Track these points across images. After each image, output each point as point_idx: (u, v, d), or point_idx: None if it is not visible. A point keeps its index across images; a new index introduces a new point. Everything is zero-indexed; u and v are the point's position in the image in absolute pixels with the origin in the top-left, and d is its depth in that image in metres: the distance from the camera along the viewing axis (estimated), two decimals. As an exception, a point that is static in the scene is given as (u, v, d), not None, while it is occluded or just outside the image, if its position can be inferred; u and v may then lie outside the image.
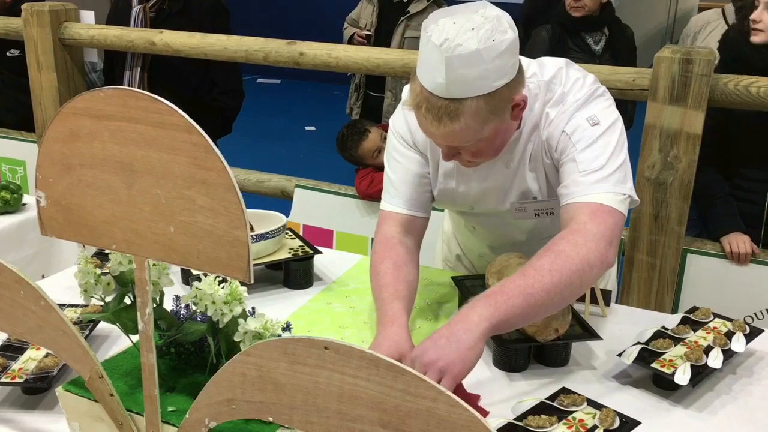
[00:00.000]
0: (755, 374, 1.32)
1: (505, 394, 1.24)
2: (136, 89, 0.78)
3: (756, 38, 2.08)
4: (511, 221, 1.50)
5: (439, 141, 1.29)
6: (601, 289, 1.51)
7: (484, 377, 1.29)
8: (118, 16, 2.96)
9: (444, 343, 1.10)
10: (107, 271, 1.03)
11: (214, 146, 0.74)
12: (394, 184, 1.47)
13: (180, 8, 2.88)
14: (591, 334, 1.34)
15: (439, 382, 0.92)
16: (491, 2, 1.26)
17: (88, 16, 3.01)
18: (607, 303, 1.53)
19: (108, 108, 0.81)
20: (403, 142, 1.47)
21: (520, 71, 1.25)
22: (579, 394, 1.18)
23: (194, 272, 1.49)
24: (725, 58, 2.22)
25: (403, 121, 1.46)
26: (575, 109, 1.33)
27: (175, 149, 0.77)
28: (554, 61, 1.39)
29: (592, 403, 1.17)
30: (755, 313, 2.12)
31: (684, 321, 1.39)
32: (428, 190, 1.49)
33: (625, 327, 1.47)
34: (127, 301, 1.02)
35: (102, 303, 1.05)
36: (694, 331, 1.36)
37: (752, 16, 2.09)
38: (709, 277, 2.19)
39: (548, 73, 1.36)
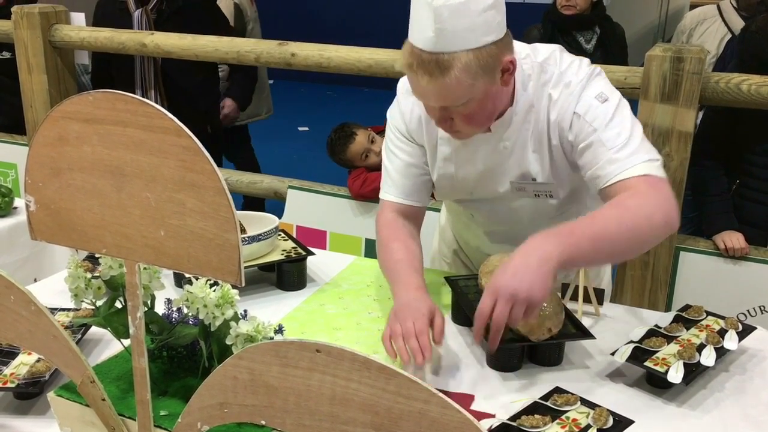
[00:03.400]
0: (748, 372, 1.32)
1: (498, 394, 1.24)
2: (124, 94, 0.77)
3: None
4: (510, 205, 1.52)
5: (432, 101, 1.30)
6: (594, 288, 1.51)
7: (478, 377, 1.29)
8: (107, 21, 2.95)
9: (523, 274, 1.14)
10: (98, 274, 1.02)
11: (203, 149, 0.74)
12: (391, 174, 1.53)
13: (179, 6, 2.89)
14: (584, 334, 1.34)
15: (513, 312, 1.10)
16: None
17: (78, 18, 2.99)
18: (600, 302, 1.53)
19: (97, 111, 0.80)
20: (398, 134, 1.51)
21: (508, 34, 1.29)
22: (572, 394, 1.18)
23: (186, 275, 1.48)
24: (743, 55, 2.22)
25: (398, 112, 1.51)
26: (581, 89, 1.36)
27: (165, 152, 0.77)
28: (547, 45, 1.44)
29: (585, 402, 1.17)
30: (748, 311, 2.13)
31: (677, 319, 1.39)
32: (424, 180, 1.53)
33: (618, 326, 1.47)
34: (118, 305, 1.02)
35: (93, 307, 1.05)
36: (687, 329, 1.36)
37: None
38: (701, 275, 2.19)
39: (542, 55, 1.40)
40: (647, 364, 1.24)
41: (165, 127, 0.76)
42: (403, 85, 1.50)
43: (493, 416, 1.17)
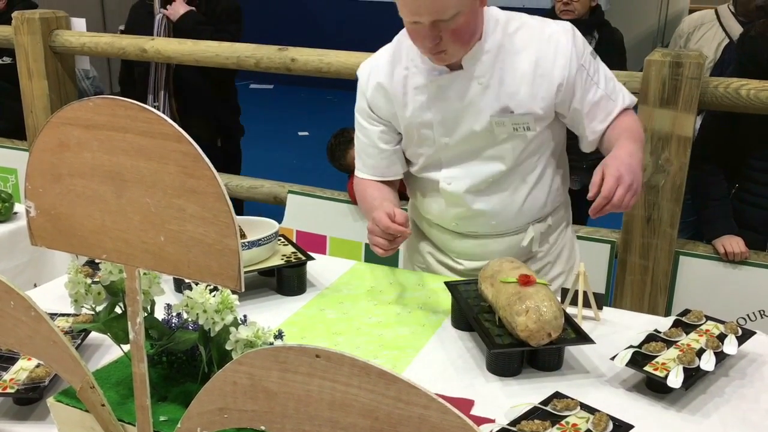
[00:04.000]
0: (748, 376, 1.32)
1: (498, 399, 1.24)
2: (124, 100, 0.77)
3: None
4: (487, 151, 1.60)
5: (425, 14, 1.39)
6: (593, 293, 1.51)
7: (478, 382, 1.29)
8: (138, 24, 2.99)
9: (635, 171, 1.39)
10: (98, 280, 1.02)
11: (203, 155, 0.74)
12: (360, 155, 1.72)
13: (201, 12, 2.91)
14: (584, 338, 1.34)
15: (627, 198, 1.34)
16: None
17: (79, 23, 3.00)
18: (600, 307, 1.53)
19: (97, 117, 0.80)
20: (362, 117, 1.68)
21: None
22: (572, 399, 1.18)
23: (186, 280, 1.49)
24: (742, 59, 2.22)
25: (363, 99, 1.66)
26: (573, 39, 1.54)
27: (165, 158, 0.77)
28: None
29: (585, 407, 1.17)
30: (748, 315, 2.13)
31: (676, 324, 1.39)
32: (389, 157, 1.68)
33: (617, 330, 1.47)
34: (118, 310, 1.02)
35: (93, 312, 1.05)
36: (687, 333, 1.36)
37: None
38: (701, 280, 2.19)
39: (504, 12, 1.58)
40: (647, 368, 1.24)
41: (165, 133, 0.76)
42: (362, 67, 1.67)
43: (492, 421, 1.17)
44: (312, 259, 1.66)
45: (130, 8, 3.15)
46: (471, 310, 1.43)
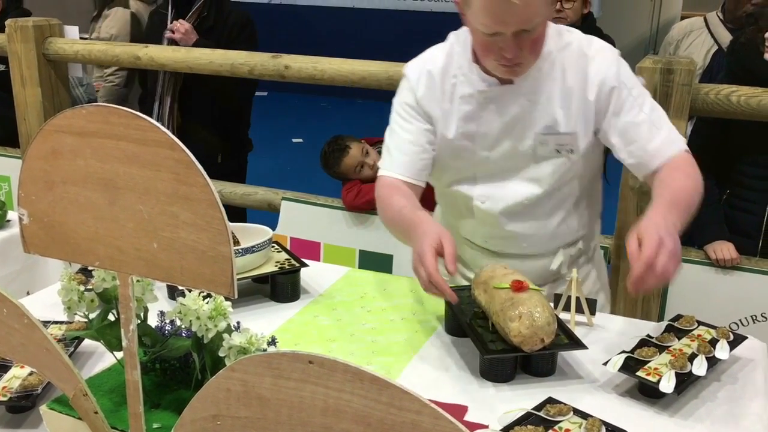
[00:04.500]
0: (739, 381, 1.33)
1: (491, 404, 1.25)
2: (117, 107, 0.78)
3: None
4: (526, 171, 1.55)
5: (513, 22, 1.35)
6: (586, 298, 1.52)
7: (471, 388, 1.30)
8: (152, 31, 2.98)
9: (674, 237, 1.25)
10: (91, 287, 1.02)
11: (196, 162, 0.74)
12: (391, 151, 1.58)
13: (211, 25, 2.90)
14: (577, 344, 1.34)
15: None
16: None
17: (72, 31, 3.00)
18: (593, 312, 1.54)
19: (90, 125, 0.81)
20: (405, 112, 1.57)
21: None
22: (565, 404, 1.18)
23: (180, 287, 1.48)
24: (732, 66, 2.24)
25: (405, 87, 1.58)
26: (618, 57, 1.51)
27: (158, 165, 0.77)
28: None
29: (578, 412, 1.17)
30: (740, 320, 2.14)
31: (668, 329, 1.40)
32: (423, 159, 1.57)
33: (610, 336, 1.48)
34: (111, 317, 1.02)
35: (86, 320, 1.05)
36: (679, 338, 1.37)
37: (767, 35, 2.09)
38: (693, 285, 2.20)
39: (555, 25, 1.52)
40: (639, 373, 1.25)
41: (158, 141, 0.76)
42: (411, 61, 1.60)
43: (486, 427, 1.17)
44: (305, 265, 1.66)
45: (149, 15, 3.17)
46: (464, 316, 1.44)
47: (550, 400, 1.21)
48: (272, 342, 1.01)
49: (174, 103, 2.91)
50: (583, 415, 1.16)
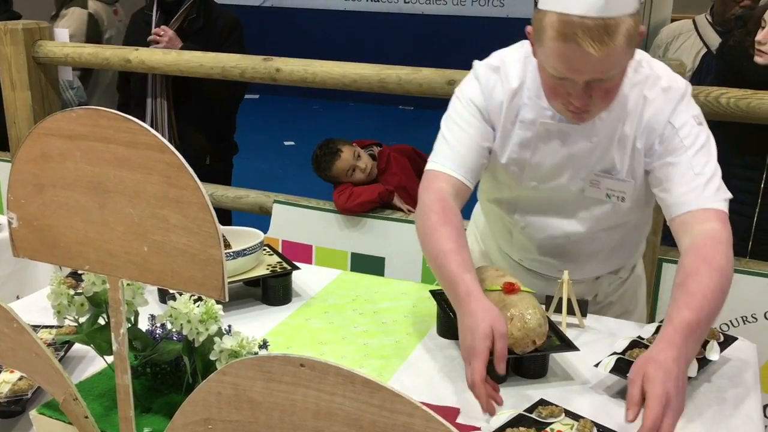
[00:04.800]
0: (730, 382, 1.33)
1: (484, 406, 1.25)
2: (107, 110, 0.77)
3: (760, 59, 2.08)
4: (571, 210, 1.48)
5: (588, 73, 1.23)
6: (578, 300, 1.52)
7: (463, 390, 1.29)
8: (135, 33, 2.96)
9: (682, 391, 1.11)
10: (81, 291, 1.02)
11: (186, 165, 0.74)
12: (453, 147, 1.44)
13: (200, 26, 2.89)
14: (568, 346, 1.35)
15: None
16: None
17: (62, 34, 2.99)
18: (584, 314, 1.54)
19: (80, 128, 0.80)
20: (473, 110, 1.44)
21: None
22: (557, 406, 1.19)
23: (171, 291, 1.48)
24: (721, 69, 2.25)
25: (477, 87, 1.45)
26: (679, 99, 1.36)
27: (148, 168, 0.77)
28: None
29: (569, 414, 1.17)
30: (730, 321, 2.15)
31: (659, 330, 1.40)
32: (483, 163, 1.46)
33: (601, 337, 1.48)
34: (102, 321, 1.02)
35: (76, 324, 1.04)
36: (670, 340, 1.37)
37: (758, 38, 2.08)
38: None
39: (636, 54, 1.34)
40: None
41: (148, 143, 0.76)
42: (487, 63, 1.46)
43: (478, 429, 1.17)
44: (297, 268, 1.66)
45: (131, 15, 3.15)
46: (456, 318, 1.44)
47: (542, 402, 1.21)
48: (264, 345, 1.01)
49: (170, 106, 2.90)
50: (575, 417, 1.16)
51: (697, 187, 1.32)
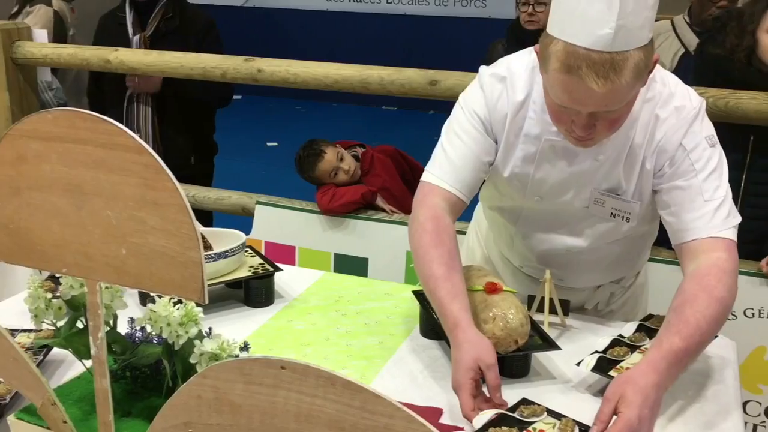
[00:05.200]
0: (711, 379, 1.34)
1: (467, 406, 1.25)
2: (84, 111, 0.77)
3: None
4: (573, 225, 1.45)
5: (591, 106, 1.19)
6: (560, 299, 1.53)
7: (446, 390, 1.30)
8: (107, 35, 2.93)
9: (652, 419, 1.12)
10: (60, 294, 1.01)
11: (165, 166, 0.74)
12: (452, 160, 1.39)
13: (177, 25, 2.87)
14: (550, 345, 1.35)
15: None
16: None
17: (40, 35, 2.96)
18: (566, 313, 1.55)
19: (56, 130, 0.79)
20: (476, 123, 1.39)
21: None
22: (539, 405, 1.19)
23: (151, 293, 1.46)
24: (701, 68, 2.25)
25: (481, 98, 1.39)
26: (692, 119, 1.31)
27: (125, 170, 0.76)
28: None
29: (552, 413, 1.18)
30: (711, 319, 2.16)
31: (640, 329, 1.42)
32: (481, 177, 1.43)
33: (583, 336, 1.49)
34: (80, 325, 1.00)
35: (54, 328, 1.03)
36: (650, 338, 1.38)
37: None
38: (666, 285, 2.22)
39: None
40: (612, 373, 1.26)
41: (125, 145, 0.75)
42: (493, 72, 1.40)
43: (461, 429, 1.17)
44: (279, 270, 1.65)
45: (99, 18, 3.11)
46: (438, 319, 1.44)
47: (525, 401, 1.21)
48: (245, 347, 1.00)
49: (151, 108, 2.88)
50: (557, 416, 1.16)
51: (706, 214, 1.28)
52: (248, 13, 8.69)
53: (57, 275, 1.60)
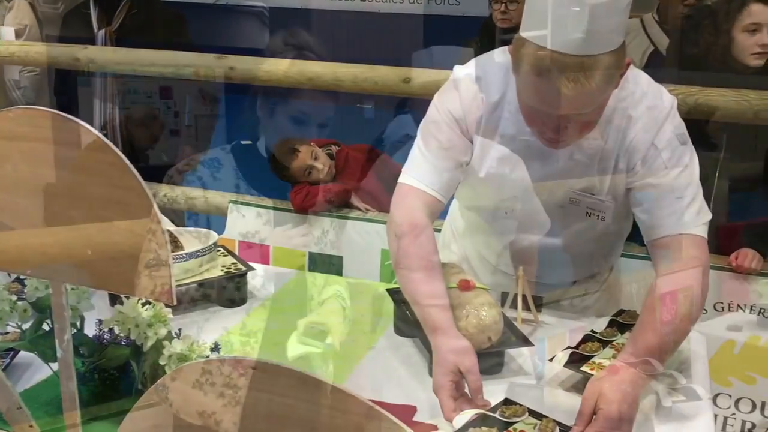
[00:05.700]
0: (682, 372, 1.35)
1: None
2: (46, 109, 0.75)
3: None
4: (549, 225, 1.45)
5: (563, 108, 1.19)
6: (532, 296, 1.53)
7: (420, 388, 1.29)
8: (71, 32, 2.87)
9: (634, 407, 1.15)
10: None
11: (131, 165, 0.72)
12: (428, 160, 1.38)
13: (143, 21, 2.82)
14: (524, 341, 1.35)
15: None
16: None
17: (7, 32, 2.90)
18: (539, 309, 1.55)
19: (18, 128, 0.77)
20: (451, 122, 1.38)
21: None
22: (520, 405, 1.17)
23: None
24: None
25: (457, 99, 1.38)
26: (664, 118, 1.31)
27: (90, 169, 0.75)
28: None
29: (533, 413, 1.16)
30: (682, 313, 2.19)
31: (611, 324, 1.43)
32: (458, 177, 1.41)
33: (556, 332, 1.50)
34: (46, 327, 0.98)
35: (20, 330, 1.01)
36: (622, 333, 1.39)
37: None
38: (638, 281, 2.24)
39: None
40: (584, 368, 1.27)
41: (90, 144, 0.74)
42: (468, 72, 1.39)
43: (435, 427, 1.17)
44: (252, 269, 1.63)
45: (64, 15, 3.06)
46: (413, 317, 1.43)
47: (506, 401, 1.19)
48: (215, 348, 0.99)
49: (114, 101, 2.83)
50: (538, 416, 1.15)
51: (677, 210, 1.29)
52: (221, 10, 8.61)
53: (22, 277, 1.57)
